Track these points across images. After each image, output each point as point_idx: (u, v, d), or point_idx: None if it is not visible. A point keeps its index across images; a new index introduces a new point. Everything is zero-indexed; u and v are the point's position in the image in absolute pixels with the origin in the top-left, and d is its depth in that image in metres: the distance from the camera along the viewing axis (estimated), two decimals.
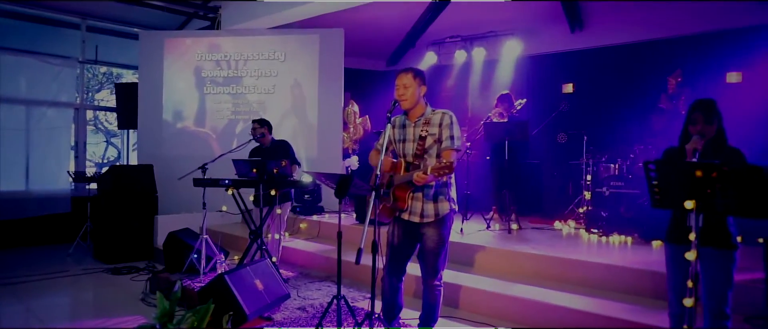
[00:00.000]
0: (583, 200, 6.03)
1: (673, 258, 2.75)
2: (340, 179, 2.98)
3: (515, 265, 4.52)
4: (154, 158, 7.12)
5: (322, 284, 4.90)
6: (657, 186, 2.20)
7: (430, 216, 3.04)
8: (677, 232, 2.68)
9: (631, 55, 6.78)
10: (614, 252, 4.65)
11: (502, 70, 7.75)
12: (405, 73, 3.07)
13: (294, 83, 7.42)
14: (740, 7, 5.75)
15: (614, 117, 6.67)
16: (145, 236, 6.42)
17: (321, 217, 6.70)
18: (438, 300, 3.17)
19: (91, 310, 4.74)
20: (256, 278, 3.93)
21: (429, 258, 3.10)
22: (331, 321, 3.72)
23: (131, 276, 5.50)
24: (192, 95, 7.61)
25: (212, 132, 7.56)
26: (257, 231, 4.72)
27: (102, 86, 10.40)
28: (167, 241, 5.46)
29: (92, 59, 8.24)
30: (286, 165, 4.65)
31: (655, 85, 6.25)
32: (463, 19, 7.63)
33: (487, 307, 4.01)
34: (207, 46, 7.55)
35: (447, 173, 2.76)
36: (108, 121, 10.58)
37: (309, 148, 7.27)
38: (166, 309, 2.72)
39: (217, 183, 4.64)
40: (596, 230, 5.40)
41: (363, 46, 8.58)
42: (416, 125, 3.09)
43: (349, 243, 4.96)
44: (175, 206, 6.91)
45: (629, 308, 3.58)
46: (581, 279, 4.14)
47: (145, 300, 4.61)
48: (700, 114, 2.69)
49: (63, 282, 5.38)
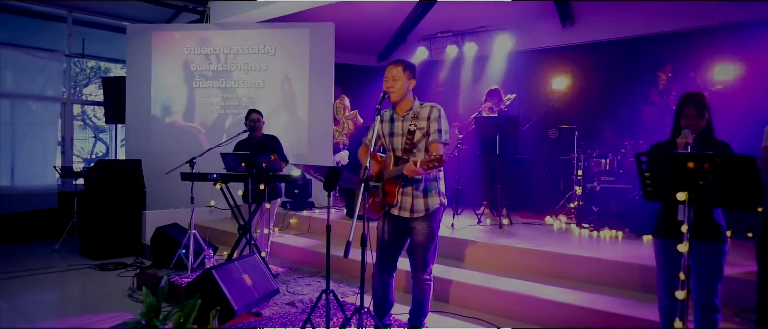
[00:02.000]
0: (574, 196, 6.03)
1: (663, 252, 2.74)
2: (329, 172, 2.94)
3: (506, 260, 4.50)
4: (143, 153, 7.04)
5: (312, 279, 4.86)
6: (649, 178, 2.19)
7: (421, 211, 3.01)
8: (666, 226, 2.68)
9: (621, 51, 6.79)
10: (605, 247, 4.65)
11: (494, 65, 7.74)
12: (395, 65, 3.04)
13: (284, 78, 7.36)
14: (729, 4, 5.78)
15: (605, 112, 6.68)
16: (133, 231, 6.35)
17: (311, 212, 6.66)
18: (427, 294, 3.15)
19: (77, 307, 4.66)
20: (244, 273, 3.89)
21: (418, 253, 3.07)
22: (320, 316, 3.68)
23: (118, 272, 5.44)
24: (181, 90, 7.52)
25: (201, 127, 7.49)
26: (246, 226, 4.67)
27: (90, 80, 10.28)
28: (155, 236, 5.38)
29: (79, 53, 8.12)
30: (275, 159, 4.60)
31: (645, 80, 6.26)
32: (455, 14, 7.60)
33: (477, 302, 3.99)
34: (196, 40, 7.47)
35: (437, 167, 2.73)
36: (96, 117, 10.46)
37: (299, 143, 7.22)
38: (153, 304, 2.67)
39: (205, 178, 4.58)
40: (587, 224, 5.40)
41: (354, 41, 8.53)
42: (404, 119, 3.06)
43: (339, 238, 4.93)
44: (164, 202, 6.84)
45: (619, 302, 3.58)
46: (572, 273, 4.13)
47: (133, 296, 4.55)
48: (691, 108, 2.69)
49: (49, 278, 5.30)
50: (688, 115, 2.68)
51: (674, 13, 6.23)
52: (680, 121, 2.72)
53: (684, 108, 2.71)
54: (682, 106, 2.73)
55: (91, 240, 6.20)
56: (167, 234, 5.26)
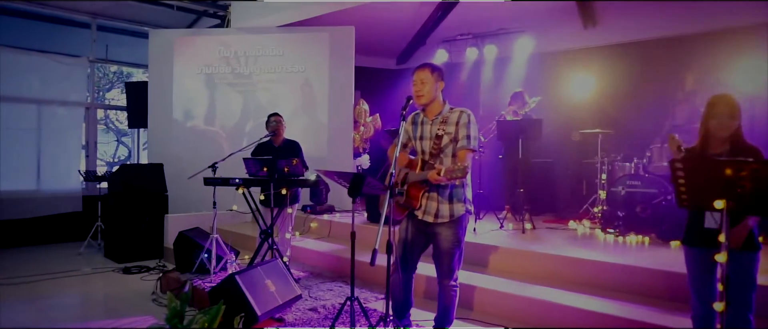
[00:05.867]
0: (598, 200, 5.93)
1: (694, 261, 2.67)
2: (354, 178, 2.92)
3: (529, 266, 4.44)
4: (164, 157, 7.10)
5: (334, 284, 4.84)
6: (684, 186, 2.12)
7: (445, 217, 2.98)
8: (695, 234, 2.60)
9: (646, 52, 6.65)
10: (631, 253, 4.55)
11: (514, 67, 7.66)
12: (423, 69, 3.02)
13: (304, 82, 7.37)
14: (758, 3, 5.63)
15: (630, 115, 6.56)
16: (156, 235, 6.41)
17: (332, 216, 6.64)
18: (453, 300, 3.12)
19: (101, 310, 4.72)
20: (267, 278, 3.88)
21: (444, 259, 3.04)
22: (343, 322, 3.66)
23: (141, 276, 5.49)
24: (202, 94, 7.58)
25: (222, 131, 7.54)
26: (268, 231, 4.68)
27: (112, 85, 10.42)
28: (177, 240, 5.43)
29: (102, 58, 8.24)
30: (297, 164, 4.60)
31: (671, 82, 6.14)
32: (474, 16, 7.55)
33: (501, 308, 3.93)
34: (216, 45, 7.52)
35: (460, 177, 2.70)
36: (119, 120, 10.60)
37: (319, 147, 7.22)
38: (177, 309, 2.68)
39: (227, 182, 4.60)
40: (612, 230, 5.30)
41: (373, 45, 8.52)
42: (433, 122, 3.03)
43: (360, 243, 4.89)
44: (185, 206, 6.89)
45: (647, 310, 3.49)
46: (597, 280, 4.04)
47: (156, 300, 4.58)
48: (722, 108, 2.60)
49: (74, 281, 5.37)
50: (720, 115, 2.59)
51: (700, 13, 6.09)
52: (709, 123, 2.64)
53: (714, 108, 2.62)
54: (712, 106, 2.64)
55: (115, 243, 6.27)
56: (189, 238, 5.30)
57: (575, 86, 7.19)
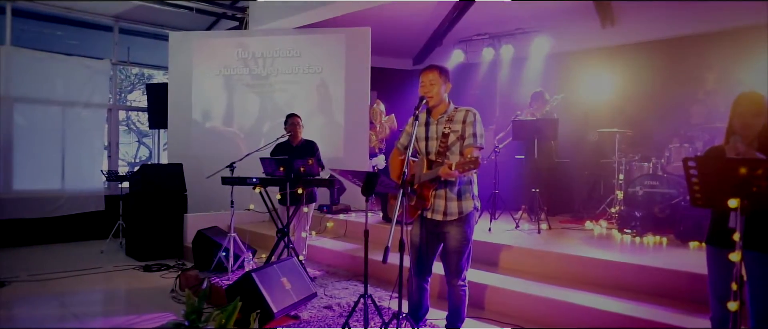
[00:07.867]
0: (615, 200, 5.87)
1: (715, 261, 2.62)
2: (367, 177, 2.95)
3: (545, 265, 4.42)
4: (184, 158, 7.23)
5: (349, 283, 4.88)
6: (697, 184, 2.10)
7: (454, 214, 3.00)
8: (718, 234, 2.56)
9: (664, 51, 6.57)
10: (649, 253, 4.51)
11: (531, 67, 7.62)
12: (430, 70, 3.04)
13: (320, 83, 7.43)
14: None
15: (648, 114, 6.48)
16: (175, 234, 6.52)
17: (347, 216, 6.69)
18: (463, 300, 3.13)
19: (123, 306, 4.84)
20: (283, 276, 3.94)
21: (452, 258, 3.05)
22: (357, 320, 3.69)
23: (161, 274, 5.59)
24: (220, 95, 7.70)
25: (240, 131, 7.64)
26: (284, 230, 4.74)
27: (134, 86, 10.63)
28: (196, 239, 5.52)
29: (124, 60, 8.42)
30: (313, 164, 4.65)
31: (690, 81, 6.05)
32: (491, 16, 7.53)
33: (515, 308, 3.92)
34: (235, 46, 7.63)
35: (472, 169, 2.71)
36: (140, 121, 10.81)
37: (336, 147, 7.27)
38: (195, 306, 2.75)
39: (244, 182, 4.67)
40: (629, 230, 5.25)
41: (389, 45, 8.55)
42: (439, 122, 3.05)
43: (375, 242, 4.93)
44: (204, 205, 7.00)
45: (665, 311, 3.45)
46: (614, 280, 4.01)
47: (175, 297, 4.67)
48: (746, 106, 2.54)
49: (97, 278, 5.50)
50: (743, 114, 2.54)
51: (720, 11, 6.00)
52: (733, 122, 2.59)
53: (737, 107, 2.57)
54: (735, 105, 2.58)
55: (136, 242, 6.40)
56: (208, 237, 5.39)
57: (592, 86, 7.12)
